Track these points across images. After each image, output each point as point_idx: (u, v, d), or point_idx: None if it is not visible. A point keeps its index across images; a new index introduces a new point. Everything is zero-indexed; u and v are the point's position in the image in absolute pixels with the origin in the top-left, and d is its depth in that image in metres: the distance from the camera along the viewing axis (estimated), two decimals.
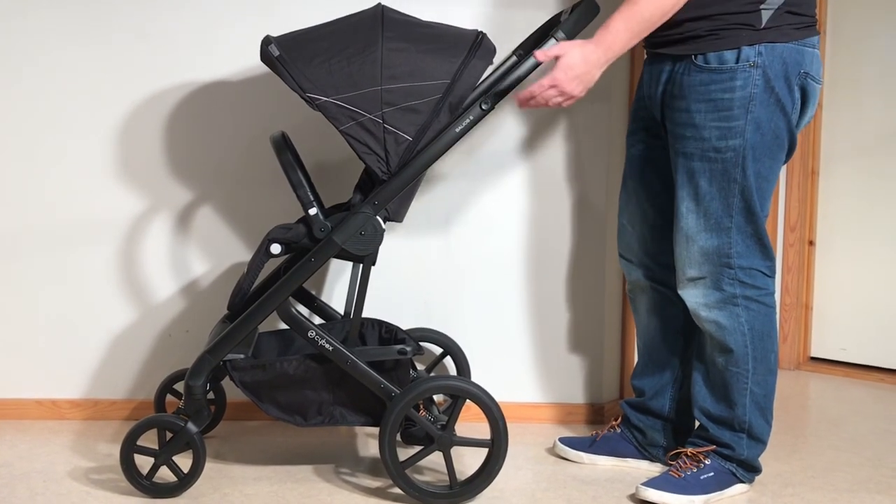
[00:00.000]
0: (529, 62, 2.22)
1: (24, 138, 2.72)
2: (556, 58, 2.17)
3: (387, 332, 2.53)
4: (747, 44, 2.16)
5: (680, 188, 2.27)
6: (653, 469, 2.50)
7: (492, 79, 2.40)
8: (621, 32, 2.15)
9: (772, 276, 2.30)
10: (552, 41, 2.22)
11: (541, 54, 2.18)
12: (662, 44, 2.25)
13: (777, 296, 3.48)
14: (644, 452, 2.52)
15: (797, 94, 2.21)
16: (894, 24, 3.30)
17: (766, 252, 2.29)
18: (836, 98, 3.40)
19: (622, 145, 2.67)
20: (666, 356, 2.49)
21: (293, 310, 2.26)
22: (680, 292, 2.33)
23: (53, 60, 2.69)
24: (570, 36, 2.24)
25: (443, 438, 2.24)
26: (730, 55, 2.17)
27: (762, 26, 2.16)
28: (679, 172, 2.26)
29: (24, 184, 2.73)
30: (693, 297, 2.30)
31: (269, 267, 2.43)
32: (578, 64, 2.15)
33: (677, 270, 2.32)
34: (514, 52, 2.47)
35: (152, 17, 2.69)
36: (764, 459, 2.42)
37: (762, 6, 2.16)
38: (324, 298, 2.78)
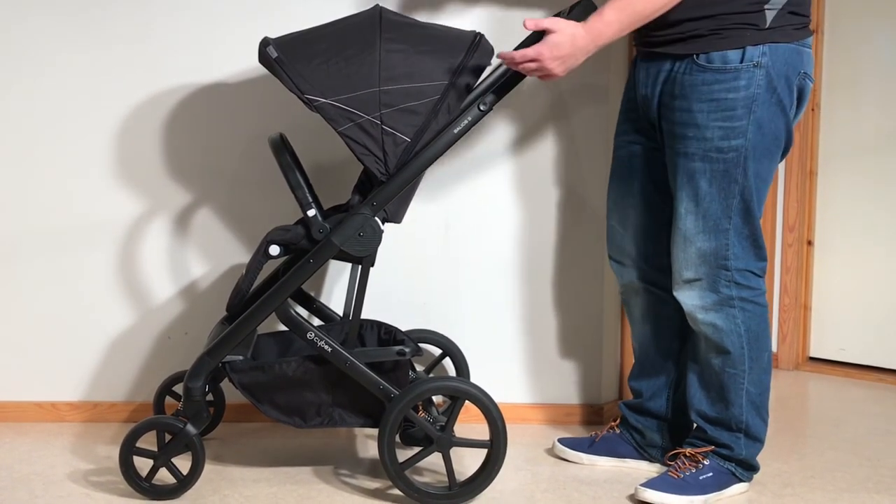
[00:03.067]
0: None
1: (23, 141, 2.72)
2: (545, 31, 2.15)
3: (386, 334, 2.53)
4: (751, 44, 2.15)
5: (679, 189, 2.26)
6: (652, 470, 2.50)
7: (490, 80, 2.40)
8: (613, 24, 2.14)
9: (763, 276, 2.31)
10: None
11: (530, 22, 2.16)
12: (661, 43, 2.25)
13: (776, 296, 3.48)
14: (643, 453, 2.53)
15: (795, 94, 2.22)
16: (891, 26, 3.30)
17: (760, 253, 2.29)
18: (834, 99, 3.41)
19: None
20: (662, 357, 2.49)
21: (292, 311, 2.27)
22: (675, 294, 2.33)
23: (52, 63, 2.69)
24: None
25: (442, 439, 2.24)
26: (734, 55, 2.16)
27: (766, 26, 2.16)
28: (679, 173, 2.26)
29: (22, 186, 2.73)
30: (689, 298, 2.30)
31: (268, 268, 2.43)
32: (566, 44, 2.14)
33: (674, 272, 2.32)
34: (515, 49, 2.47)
35: (151, 20, 2.69)
36: (763, 459, 2.42)
37: (766, 6, 2.15)
38: (323, 300, 2.78)
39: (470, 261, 2.81)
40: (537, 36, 2.45)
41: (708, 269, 2.26)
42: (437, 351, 2.75)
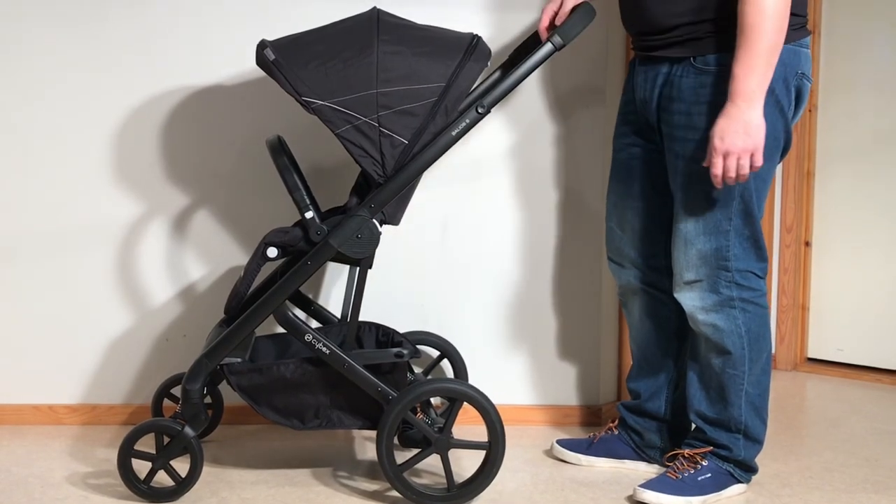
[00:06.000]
0: (526, 66, 2.22)
1: (21, 142, 2.72)
2: (710, 145, 2.13)
3: (384, 336, 2.53)
4: None
5: (679, 191, 2.26)
6: (650, 470, 2.50)
7: (488, 82, 2.41)
8: (748, 76, 2.08)
9: (764, 277, 2.31)
10: (549, 45, 2.23)
11: (713, 168, 2.14)
12: (658, 46, 2.25)
13: (773, 297, 3.48)
14: (641, 454, 2.53)
15: (793, 95, 2.22)
16: (888, 26, 3.30)
17: (761, 254, 2.29)
18: (831, 99, 3.41)
19: None
20: (660, 358, 2.49)
21: (290, 313, 2.27)
22: (676, 295, 2.33)
23: (50, 64, 2.69)
24: (567, 40, 2.24)
25: (440, 441, 2.24)
26: (730, 57, 2.16)
27: None
28: (678, 175, 2.26)
29: (20, 188, 2.73)
30: (690, 300, 2.30)
31: (266, 270, 2.43)
32: (724, 125, 2.10)
33: (674, 274, 2.32)
34: (510, 56, 2.47)
35: (149, 23, 2.69)
36: (761, 460, 2.42)
37: None
38: (321, 302, 2.78)
39: (468, 262, 2.81)
40: (536, 38, 2.46)
41: (708, 270, 2.26)
42: (435, 353, 2.75)
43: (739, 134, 2.10)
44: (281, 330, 2.42)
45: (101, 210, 2.74)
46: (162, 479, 2.28)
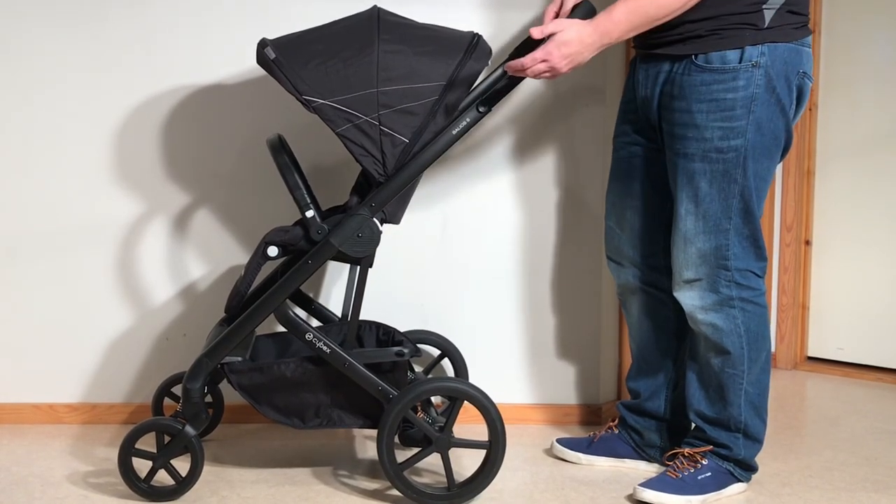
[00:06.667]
0: None
1: (21, 142, 2.72)
2: (552, 34, 2.16)
3: (384, 335, 2.53)
4: (751, 44, 2.15)
5: (679, 190, 2.26)
6: (650, 469, 2.50)
7: (488, 81, 2.41)
8: (622, 23, 2.14)
9: (763, 276, 2.31)
10: None
11: (536, 31, 2.17)
12: (660, 44, 2.25)
13: (774, 296, 3.49)
14: (641, 453, 2.53)
15: (794, 94, 2.22)
16: (889, 24, 3.31)
17: (761, 253, 2.29)
18: (832, 98, 3.41)
19: None
20: (660, 358, 2.49)
21: (290, 312, 2.27)
22: (676, 294, 2.33)
23: (50, 64, 2.69)
24: None
25: (441, 440, 2.24)
26: (733, 55, 2.16)
27: (765, 26, 2.16)
28: (678, 174, 2.26)
29: (20, 187, 2.73)
30: (689, 299, 2.30)
31: (267, 270, 2.43)
32: (573, 42, 2.14)
33: (674, 273, 2.32)
34: (511, 54, 2.47)
35: (149, 22, 2.69)
36: (762, 459, 2.42)
37: (764, 6, 2.16)
38: (321, 301, 2.78)
39: (468, 261, 2.81)
40: (534, 42, 2.45)
41: (708, 269, 2.26)
42: (435, 352, 2.75)
43: (573, 60, 2.15)
44: (281, 329, 2.42)
45: (101, 209, 2.74)
46: (162, 478, 2.28)
